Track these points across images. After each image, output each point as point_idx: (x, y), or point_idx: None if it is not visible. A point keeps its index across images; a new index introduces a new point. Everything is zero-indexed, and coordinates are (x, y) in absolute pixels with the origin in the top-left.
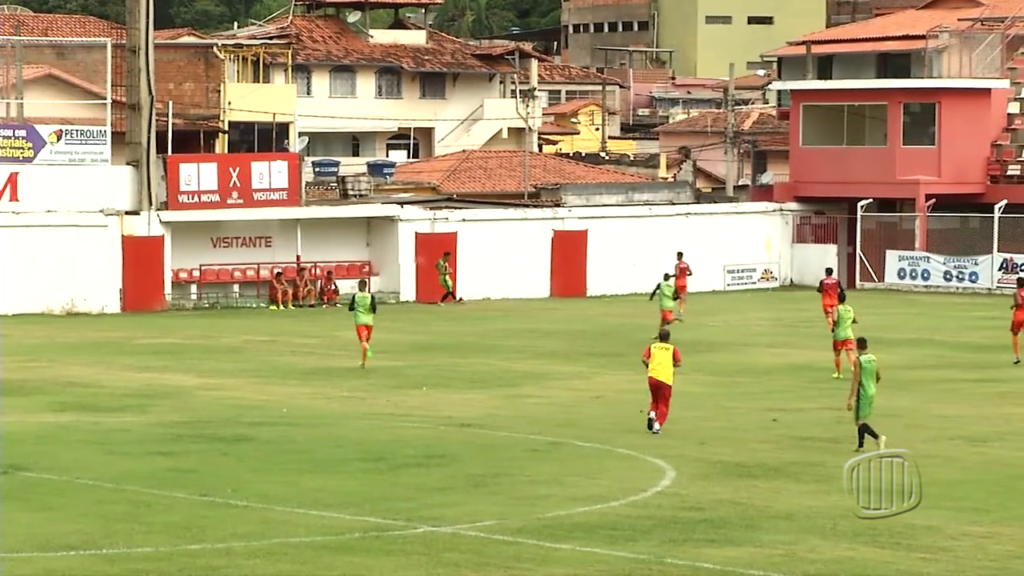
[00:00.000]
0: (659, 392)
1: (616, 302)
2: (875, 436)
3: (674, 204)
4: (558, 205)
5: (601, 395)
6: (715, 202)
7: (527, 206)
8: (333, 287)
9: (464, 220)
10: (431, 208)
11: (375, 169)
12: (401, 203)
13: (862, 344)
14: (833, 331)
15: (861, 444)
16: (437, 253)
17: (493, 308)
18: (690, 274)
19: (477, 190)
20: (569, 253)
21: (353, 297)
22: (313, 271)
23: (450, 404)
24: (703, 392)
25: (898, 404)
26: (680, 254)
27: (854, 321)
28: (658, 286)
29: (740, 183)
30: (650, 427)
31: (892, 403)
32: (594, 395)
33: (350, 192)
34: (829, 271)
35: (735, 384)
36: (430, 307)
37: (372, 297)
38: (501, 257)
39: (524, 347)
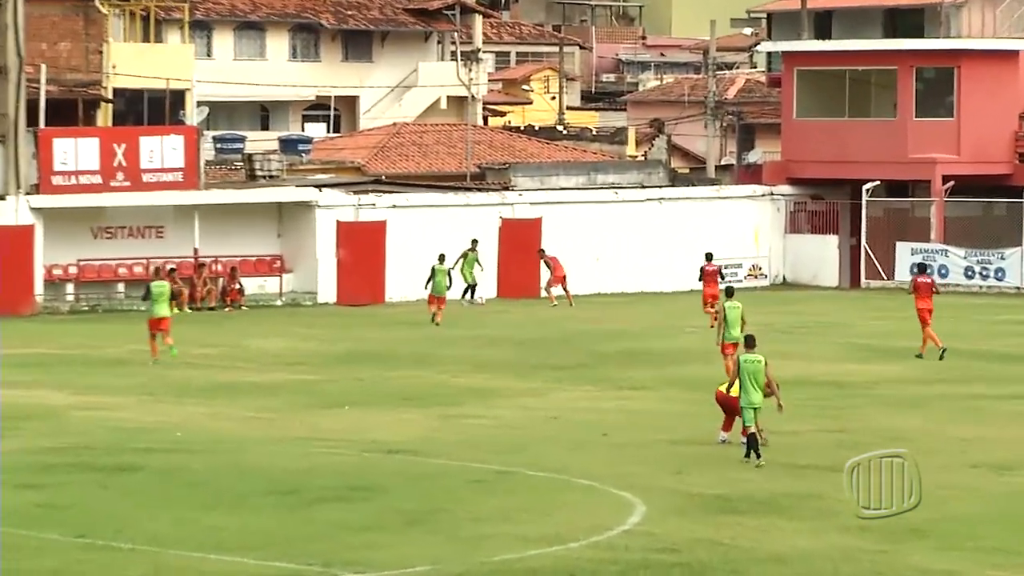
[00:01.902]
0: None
1: (576, 303)
2: (758, 454)
3: (645, 187)
4: (507, 188)
5: (558, 415)
6: (693, 185)
7: (470, 190)
8: (238, 286)
9: (395, 206)
10: (355, 192)
11: (288, 146)
12: (319, 186)
13: (750, 342)
14: (720, 332)
15: (747, 455)
16: (362, 245)
17: (429, 311)
18: (722, 278)
19: (410, 171)
20: (520, 245)
21: (148, 286)
22: (214, 267)
23: (376, 426)
24: (678, 411)
25: (909, 425)
26: (709, 256)
27: (743, 321)
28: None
29: (723, 162)
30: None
31: (902, 423)
32: (549, 415)
33: (258, 173)
34: (709, 256)
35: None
36: (356, 310)
37: (170, 286)
38: (437, 250)
39: (466, 357)
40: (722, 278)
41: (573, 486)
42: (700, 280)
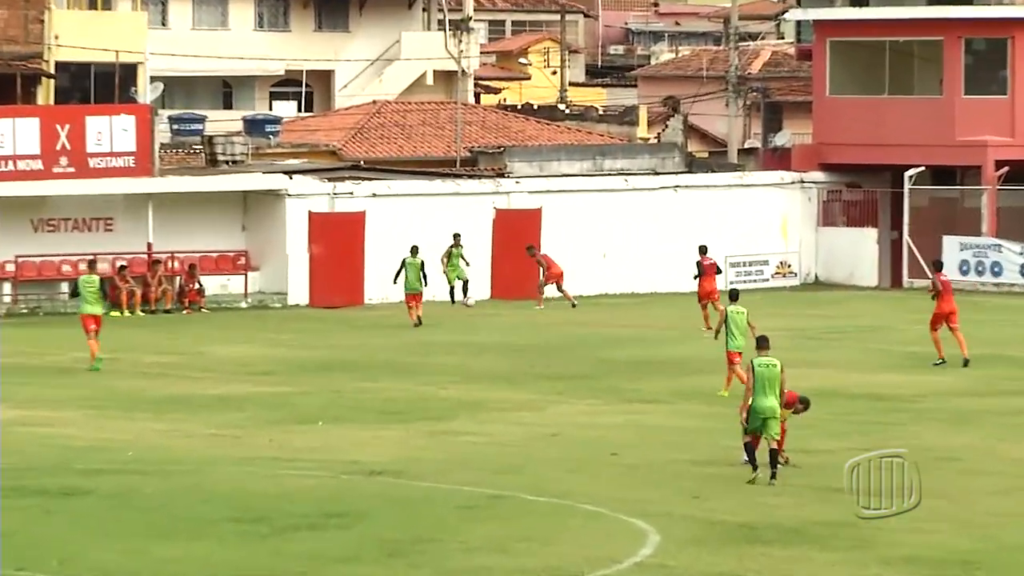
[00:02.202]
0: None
1: (579, 305)
2: (753, 466)
3: (658, 174)
4: (502, 175)
5: (559, 432)
6: (713, 171)
7: (460, 176)
8: (197, 286)
9: (375, 195)
10: (330, 179)
11: (254, 127)
12: (289, 173)
13: (763, 344)
14: (720, 336)
15: (749, 462)
16: (338, 239)
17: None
18: (719, 272)
19: (392, 155)
20: (517, 239)
21: (76, 282)
22: (170, 265)
23: (355, 444)
24: (696, 427)
25: (957, 443)
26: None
27: (751, 326)
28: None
29: (746, 146)
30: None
31: (949, 441)
32: (550, 431)
33: (220, 158)
34: (703, 249)
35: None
36: (332, 313)
37: (101, 280)
38: (424, 246)
39: (455, 367)
40: (718, 272)
41: (577, 512)
42: (697, 276)
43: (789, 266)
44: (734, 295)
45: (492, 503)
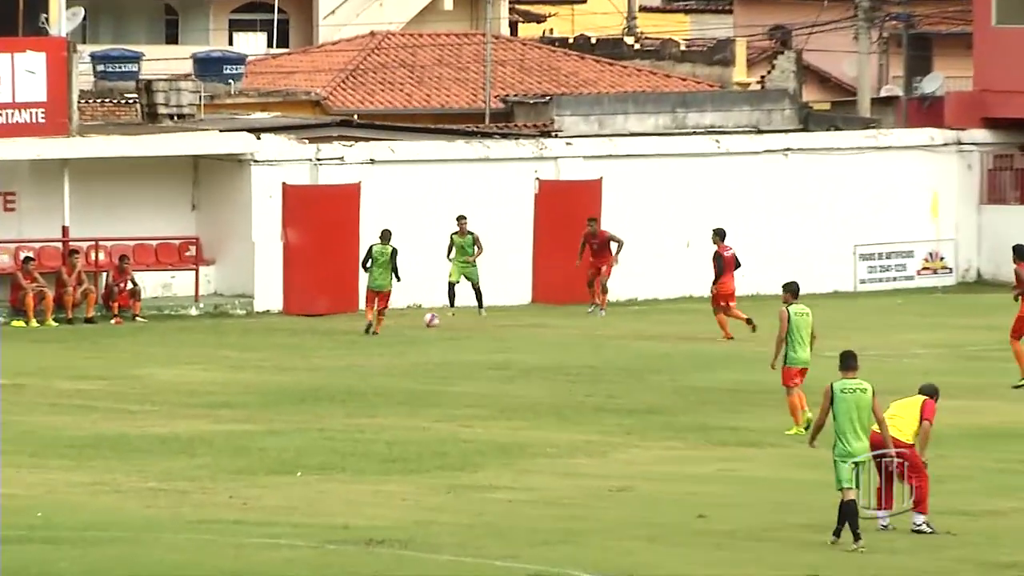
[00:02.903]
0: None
1: (652, 313)
2: (855, 533)
3: (762, 133)
4: (547, 135)
5: (626, 486)
6: (837, 129)
7: (490, 136)
8: (130, 286)
9: (373, 162)
10: (312, 140)
11: (208, 67)
12: (256, 131)
13: (848, 363)
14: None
15: (836, 532)
16: (322, 222)
17: (414, 322)
18: (738, 266)
19: (397, 107)
20: (566, 223)
21: None
22: (93, 257)
23: (347, 503)
24: (814, 480)
25: None
26: (722, 234)
27: (813, 335)
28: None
29: (883, 94)
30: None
31: None
32: (613, 485)
33: (162, 111)
34: (721, 234)
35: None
36: (314, 323)
37: None
38: (443, 231)
39: (485, 396)
40: (738, 266)
41: None
42: (718, 272)
43: (942, 259)
44: (795, 290)
45: None
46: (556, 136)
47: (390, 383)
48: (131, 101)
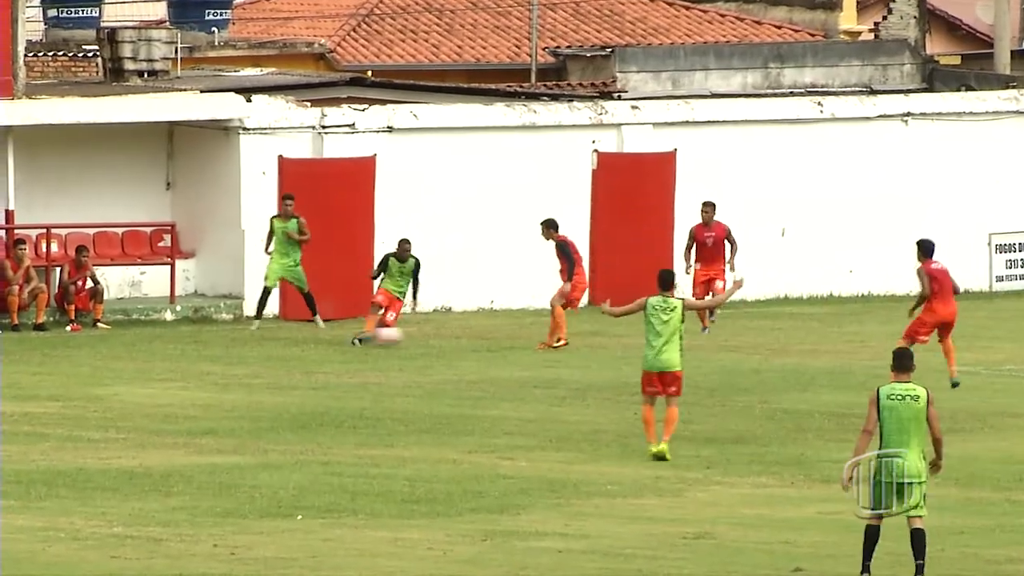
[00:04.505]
0: None
1: (739, 318)
2: (865, 565)
3: (876, 93)
4: (608, 96)
5: (705, 532)
6: (970, 89)
7: (537, 97)
8: (90, 284)
9: (391, 130)
10: (315, 103)
11: (186, 12)
12: (246, 92)
13: (904, 362)
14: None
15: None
16: (329, 203)
17: (457, 330)
18: (732, 244)
19: (420, 62)
20: (631, 204)
21: None
22: (44, 248)
23: (360, 553)
24: (941, 526)
25: None
26: (709, 205)
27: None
28: None
29: None
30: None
31: None
32: (690, 532)
33: (128, 67)
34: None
35: (1020, 511)
36: (317, 330)
37: None
38: (477, 216)
39: (529, 423)
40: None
41: None
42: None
43: None
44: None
45: None
46: (619, 98)
47: (412, 405)
48: (91, 55)
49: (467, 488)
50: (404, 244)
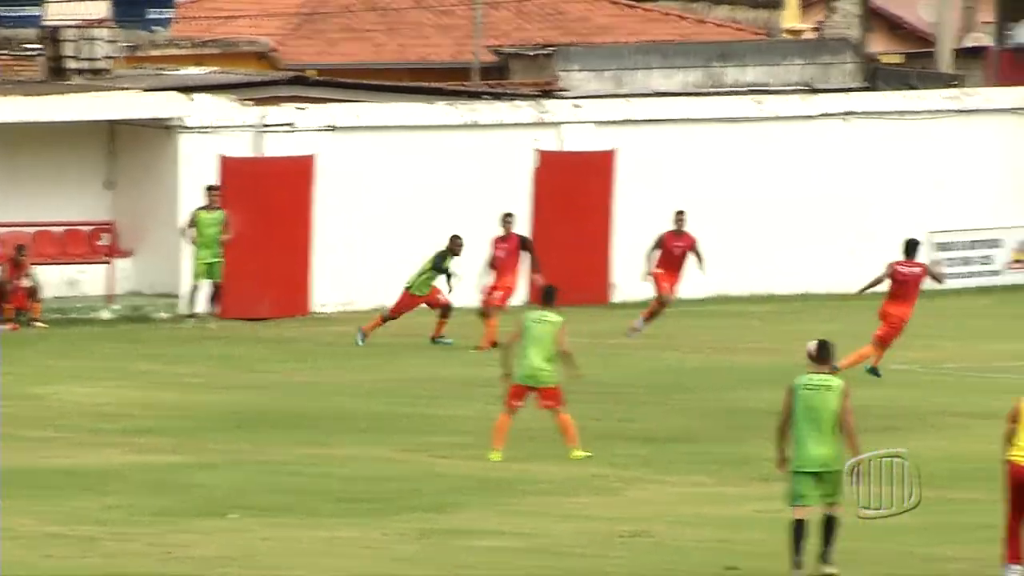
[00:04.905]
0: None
1: (678, 317)
2: (796, 561)
3: (817, 92)
4: (550, 94)
5: (641, 530)
6: (911, 88)
7: (479, 96)
8: (28, 284)
9: (332, 129)
10: (256, 102)
11: (129, 10)
12: (188, 90)
13: (822, 353)
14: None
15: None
16: (268, 204)
17: (397, 328)
18: (698, 256)
19: (363, 61)
20: (572, 203)
21: None
22: None
23: (296, 553)
24: (886, 526)
25: None
26: (683, 214)
27: None
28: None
29: (968, 44)
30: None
31: None
32: (627, 530)
33: (70, 65)
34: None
35: (956, 509)
36: (255, 329)
37: None
38: (419, 215)
39: (469, 420)
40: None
41: None
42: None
43: None
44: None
45: None
46: (561, 97)
47: (351, 404)
48: (31, 53)
49: (404, 487)
50: (456, 240)
